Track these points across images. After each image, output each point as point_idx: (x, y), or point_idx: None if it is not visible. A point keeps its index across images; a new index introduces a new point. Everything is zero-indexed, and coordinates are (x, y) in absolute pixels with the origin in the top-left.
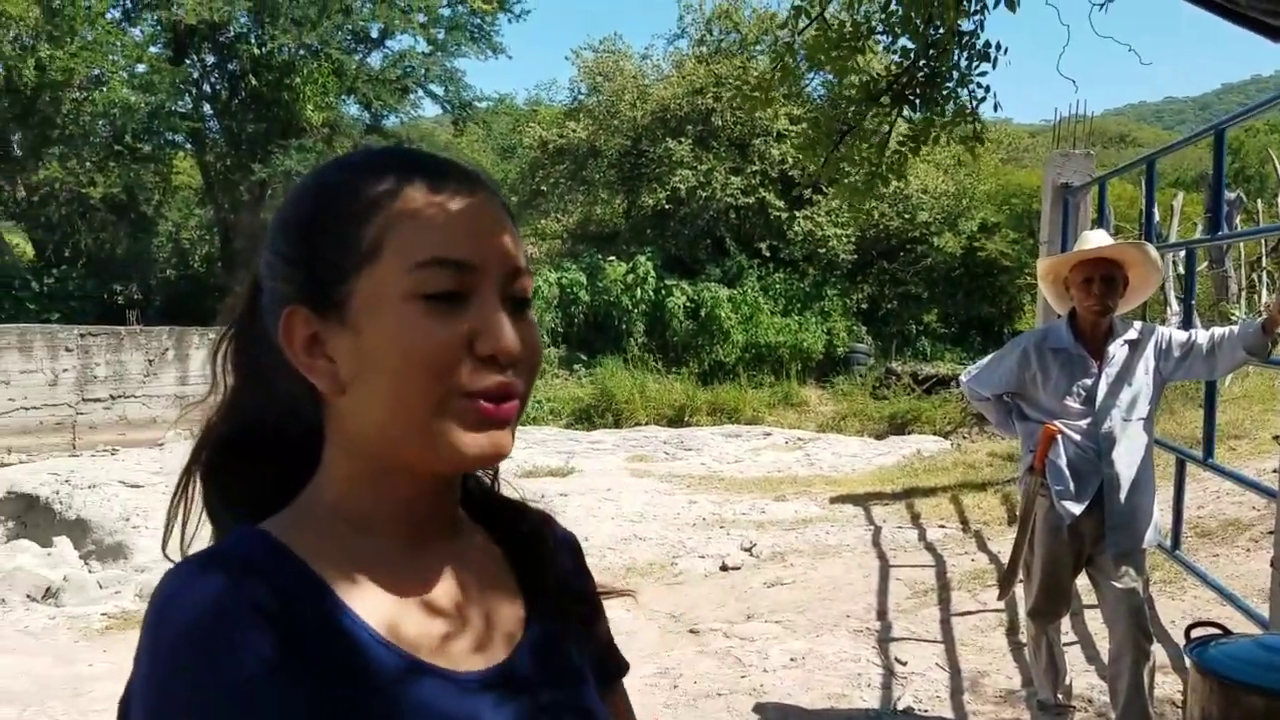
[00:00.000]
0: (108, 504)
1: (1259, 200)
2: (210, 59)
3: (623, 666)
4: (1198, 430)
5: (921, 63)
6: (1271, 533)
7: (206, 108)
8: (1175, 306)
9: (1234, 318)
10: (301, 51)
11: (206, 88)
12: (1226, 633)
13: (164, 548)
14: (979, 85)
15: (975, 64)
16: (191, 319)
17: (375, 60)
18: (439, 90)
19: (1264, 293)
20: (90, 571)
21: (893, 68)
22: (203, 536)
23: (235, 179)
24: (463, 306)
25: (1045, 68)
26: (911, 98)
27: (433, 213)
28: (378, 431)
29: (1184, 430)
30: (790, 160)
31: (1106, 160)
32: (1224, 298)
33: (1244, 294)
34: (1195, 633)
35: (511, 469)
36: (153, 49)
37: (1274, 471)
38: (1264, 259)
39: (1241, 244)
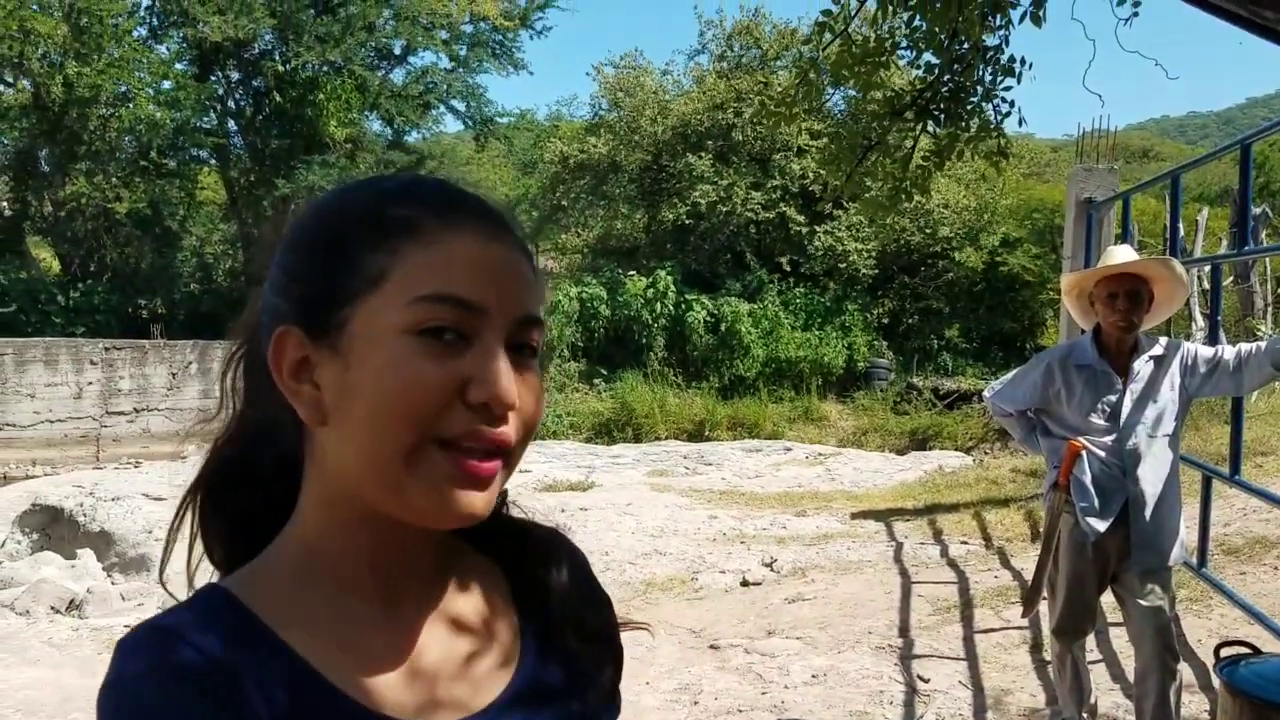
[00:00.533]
0: (131, 516)
1: None
2: (235, 75)
3: (618, 708)
4: (1224, 447)
5: (946, 78)
6: None
7: (231, 124)
8: (1200, 322)
9: (1260, 333)
10: (325, 68)
11: (231, 104)
12: (1257, 652)
13: (160, 575)
14: (1003, 100)
15: (1000, 79)
16: (215, 333)
17: (398, 76)
18: (461, 106)
19: None
20: (114, 584)
21: (917, 83)
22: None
23: (259, 194)
24: (461, 349)
25: (1068, 82)
26: (936, 112)
27: (444, 247)
28: (348, 472)
29: (1210, 447)
30: (811, 175)
31: (1129, 175)
32: (1250, 313)
33: (1270, 309)
34: (1224, 652)
35: (531, 483)
36: (178, 66)
37: None
38: None
39: (1268, 259)
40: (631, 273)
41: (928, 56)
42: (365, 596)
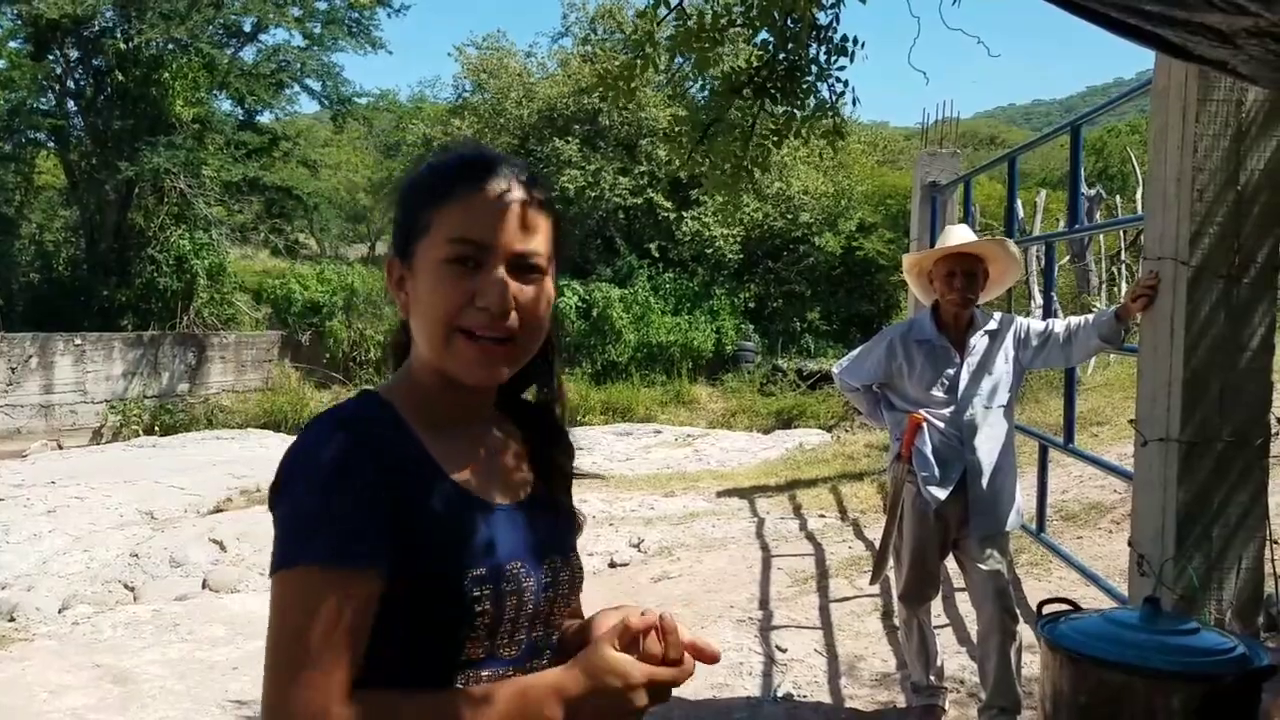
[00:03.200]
0: None
1: (1119, 197)
2: (74, 54)
3: (582, 524)
4: (1061, 417)
5: (781, 56)
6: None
7: (70, 104)
8: (1039, 299)
9: (1095, 309)
10: (170, 46)
11: (70, 84)
12: (1076, 609)
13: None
14: (838, 80)
15: (834, 58)
16: (56, 325)
17: (248, 54)
18: (316, 85)
19: (1123, 285)
20: None
21: (754, 60)
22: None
23: (101, 178)
24: (475, 272)
25: (919, 72)
26: (773, 90)
27: (467, 203)
28: (420, 346)
29: (1049, 418)
30: (677, 161)
31: (976, 160)
32: (1085, 290)
33: (1104, 287)
34: (1046, 609)
35: None
36: (12, 44)
37: (1132, 456)
38: (1123, 253)
39: (1102, 238)
40: None
41: (763, 34)
42: (451, 417)
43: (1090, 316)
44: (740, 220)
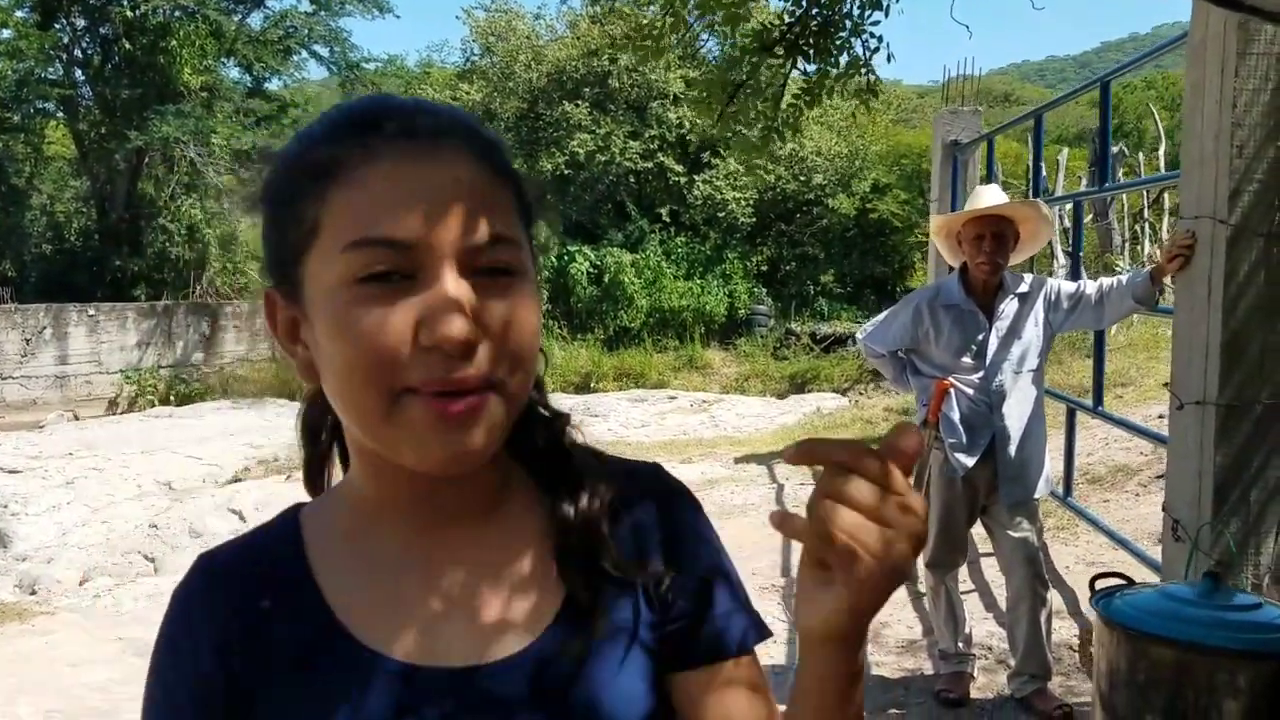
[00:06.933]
0: None
1: (1140, 154)
2: (81, 23)
3: (724, 646)
4: (1085, 379)
5: (814, 10)
6: (1159, 477)
7: (79, 74)
8: (1062, 259)
9: (1118, 268)
10: (177, 13)
11: (78, 53)
12: (1130, 583)
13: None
14: (871, 35)
15: (868, 12)
16: (69, 295)
17: (255, 21)
18: (324, 51)
19: (1146, 244)
20: None
21: (785, 16)
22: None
23: (110, 147)
24: (409, 288)
25: (933, 30)
26: (805, 48)
27: (364, 183)
28: (346, 424)
29: (1072, 380)
30: (688, 124)
31: (992, 119)
32: (1108, 249)
33: (1127, 245)
34: (1099, 584)
35: None
36: (18, 13)
37: (1159, 417)
38: (1146, 211)
39: (1125, 197)
40: None
41: None
42: (402, 535)
43: (1123, 277)
44: (753, 183)
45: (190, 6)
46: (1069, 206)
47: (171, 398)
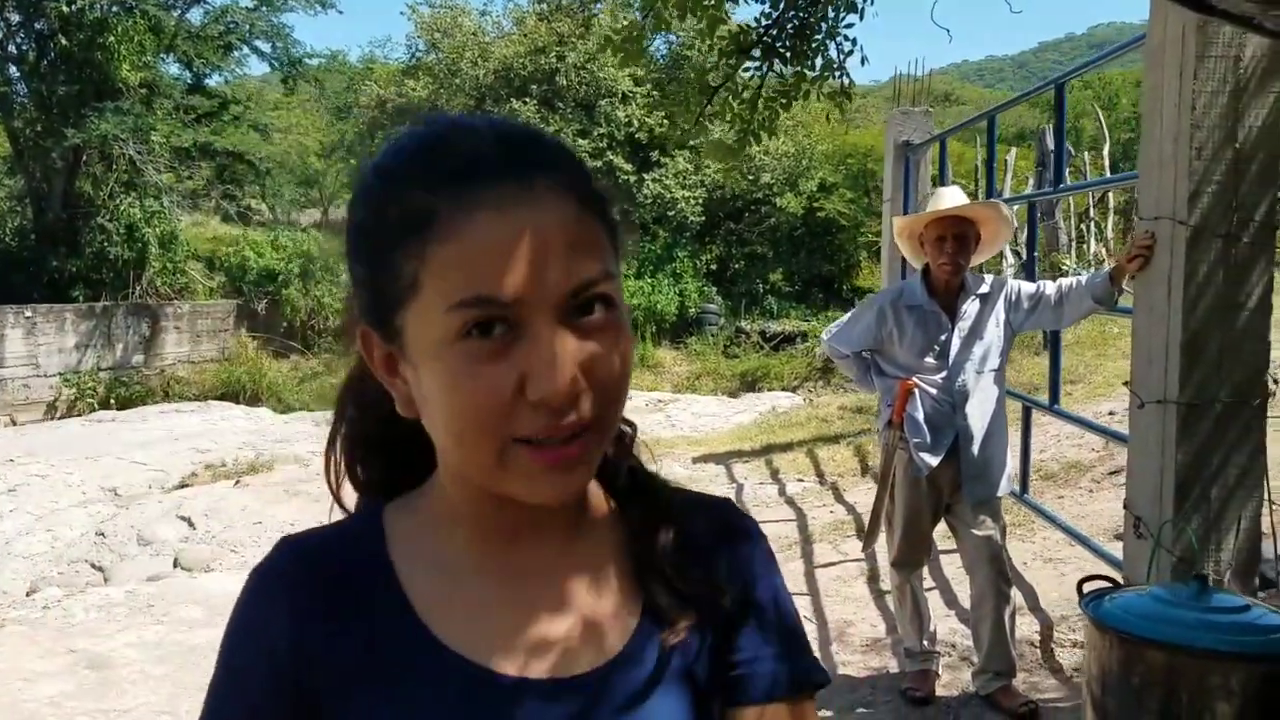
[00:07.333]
0: None
1: (1085, 154)
2: (15, 18)
3: (778, 686)
4: (1036, 377)
5: (791, 13)
6: (1112, 473)
7: (13, 70)
8: (1010, 259)
9: (1065, 267)
10: (115, 8)
11: (12, 49)
12: (1116, 585)
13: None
14: (845, 38)
15: (842, 15)
16: (5, 297)
17: (195, 16)
18: (266, 47)
19: (1092, 243)
20: None
21: (762, 18)
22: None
23: (47, 145)
24: (513, 340)
25: (872, 28)
26: (782, 50)
27: (462, 239)
28: (451, 460)
29: (1023, 377)
30: (637, 122)
31: (935, 119)
32: (1055, 249)
33: (1074, 245)
34: (1087, 587)
35: None
36: None
37: (1110, 414)
38: (1091, 210)
39: (1071, 196)
40: None
41: None
42: (489, 547)
43: (1083, 277)
44: (701, 182)
45: (128, 2)
46: (1018, 207)
47: (112, 401)
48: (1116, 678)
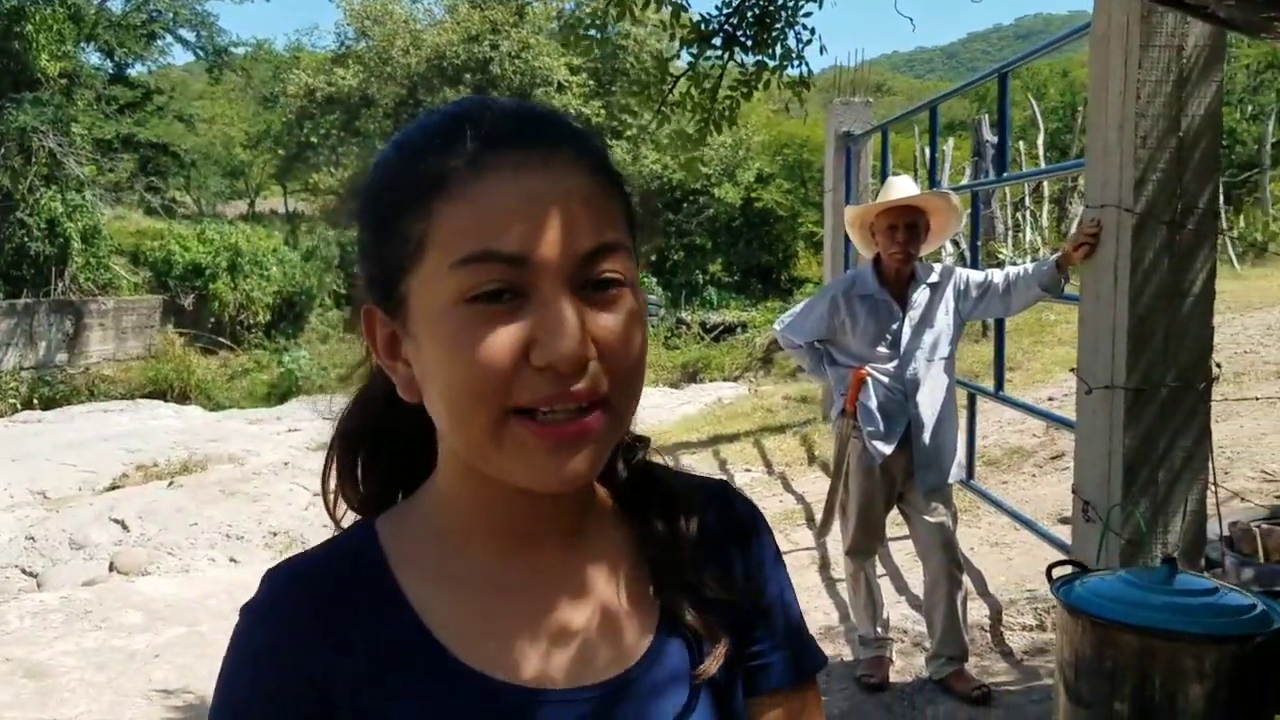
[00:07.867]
0: None
1: (1020, 143)
2: None
3: (784, 674)
4: (976, 365)
5: (752, 2)
6: (1054, 458)
7: None
8: (949, 248)
9: (1001, 255)
10: None
11: None
12: (1084, 570)
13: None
14: (804, 27)
15: (801, 4)
16: None
17: (116, 4)
18: (190, 36)
19: (1027, 231)
20: None
21: (724, 7)
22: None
23: None
24: (520, 306)
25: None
26: (743, 39)
27: (474, 198)
28: (451, 444)
29: (964, 365)
30: (573, 111)
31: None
32: (992, 237)
33: (1010, 233)
34: (1056, 572)
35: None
36: None
37: (1049, 399)
38: (1026, 199)
39: (1007, 186)
40: None
41: None
42: (495, 553)
43: (1030, 266)
44: (639, 172)
45: None
46: (962, 196)
47: (35, 401)
48: (1089, 662)
